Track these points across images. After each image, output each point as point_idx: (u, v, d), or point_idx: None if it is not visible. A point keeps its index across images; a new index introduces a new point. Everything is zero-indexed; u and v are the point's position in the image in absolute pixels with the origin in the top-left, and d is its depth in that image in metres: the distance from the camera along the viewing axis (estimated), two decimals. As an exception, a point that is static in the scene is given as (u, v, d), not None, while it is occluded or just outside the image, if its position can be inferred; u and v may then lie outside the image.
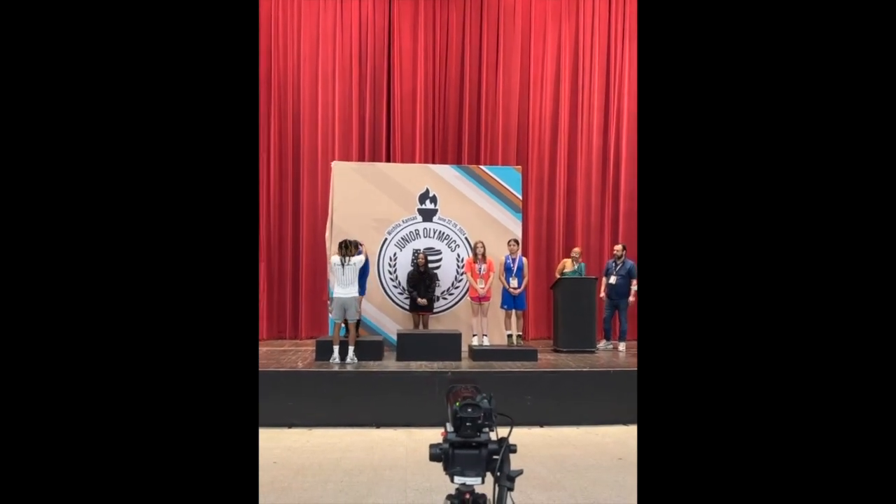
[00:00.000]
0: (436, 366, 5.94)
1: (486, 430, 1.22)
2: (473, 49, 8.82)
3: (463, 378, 1.31)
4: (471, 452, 1.20)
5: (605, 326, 7.57)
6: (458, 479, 1.21)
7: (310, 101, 8.58)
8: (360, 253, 6.24)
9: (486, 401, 1.22)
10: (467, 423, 1.19)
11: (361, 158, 8.50)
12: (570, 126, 8.99)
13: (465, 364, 6.18)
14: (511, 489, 1.17)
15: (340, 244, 6.18)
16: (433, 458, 1.22)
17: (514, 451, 1.22)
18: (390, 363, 6.14)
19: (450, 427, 1.23)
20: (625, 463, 4.44)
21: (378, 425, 5.37)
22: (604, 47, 9.05)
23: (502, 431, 1.25)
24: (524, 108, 8.92)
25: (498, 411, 1.23)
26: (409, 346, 6.33)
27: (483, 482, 1.23)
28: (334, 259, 6.12)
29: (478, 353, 6.42)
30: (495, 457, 1.19)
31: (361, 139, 8.66)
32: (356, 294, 6.12)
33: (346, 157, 8.36)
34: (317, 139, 8.56)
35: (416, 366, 5.94)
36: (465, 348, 6.68)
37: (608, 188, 9.05)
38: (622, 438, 5.16)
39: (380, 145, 8.70)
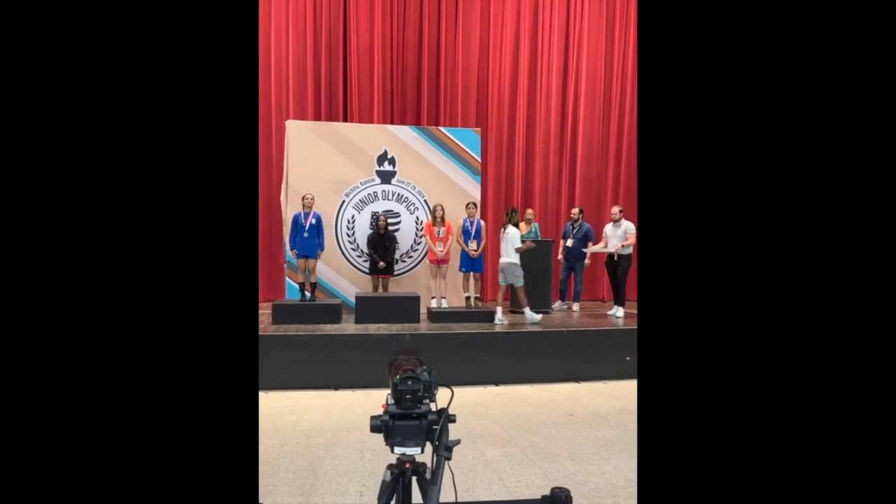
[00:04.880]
0: (394, 328, 5.99)
1: (427, 401, 1.24)
2: (432, 4, 8.58)
3: (407, 349, 1.33)
4: (411, 423, 1.22)
5: (561, 287, 7.76)
6: (399, 450, 1.23)
7: (262, 56, 8.22)
8: (514, 224, 6.51)
9: (426, 373, 1.24)
10: (407, 396, 1.21)
11: (317, 117, 8.26)
12: (530, 87, 8.94)
13: (424, 326, 6.25)
14: (449, 458, 1.20)
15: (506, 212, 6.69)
16: (374, 429, 1.24)
17: (454, 422, 1.25)
18: (349, 326, 6.16)
19: (391, 399, 1.25)
20: (576, 419, 4.63)
21: (336, 387, 5.42)
22: (563, 7, 8.94)
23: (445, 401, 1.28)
24: (483, 68, 8.80)
25: (440, 382, 1.25)
26: (367, 308, 6.35)
27: (423, 452, 1.26)
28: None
29: (436, 316, 6.50)
30: (435, 427, 1.22)
31: (317, 97, 8.40)
32: (511, 260, 6.37)
33: (301, 116, 8.11)
34: (270, 96, 8.25)
35: (374, 328, 5.98)
36: (423, 311, 6.75)
37: (566, 151, 9.11)
38: (574, 395, 5.37)
39: (336, 104, 8.46)
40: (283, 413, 4.71)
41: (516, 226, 6.49)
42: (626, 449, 3.94)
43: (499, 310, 6.42)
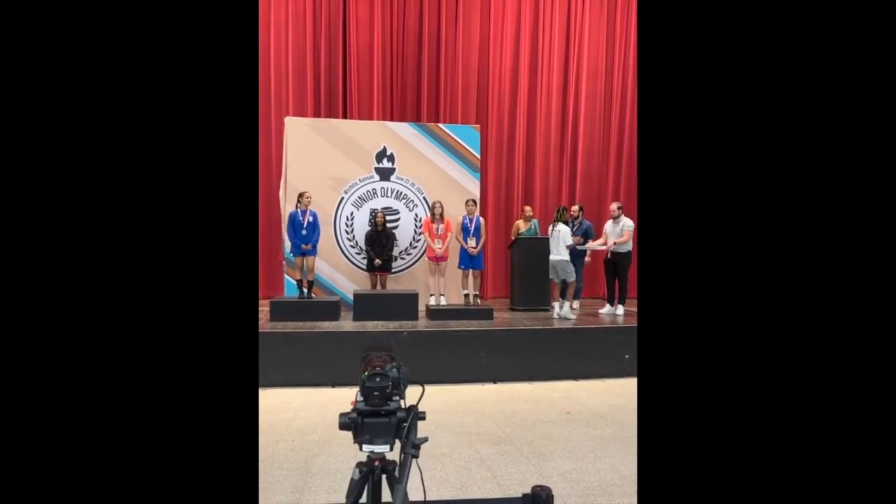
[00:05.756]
0: (392, 326, 5.97)
1: (396, 398, 1.22)
2: (432, 1, 8.55)
3: (379, 345, 1.31)
4: (380, 421, 1.20)
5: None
6: (367, 448, 1.22)
7: (262, 52, 8.21)
8: (566, 222, 6.67)
9: (395, 370, 1.22)
10: (375, 393, 1.19)
11: (317, 114, 8.25)
12: (530, 85, 8.90)
13: (422, 323, 6.23)
14: (416, 456, 1.18)
15: (556, 211, 6.84)
16: (342, 427, 1.23)
17: (423, 419, 1.23)
18: (347, 323, 6.15)
19: (360, 396, 1.23)
20: (572, 417, 4.60)
21: (334, 384, 5.41)
22: (564, 4, 8.90)
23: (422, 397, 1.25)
24: (484, 65, 8.77)
25: (412, 379, 1.23)
26: (365, 306, 6.33)
27: (392, 449, 1.24)
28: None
29: (435, 313, 6.48)
30: (404, 424, 1.20)
31: (317, 94, 8.39)
32: (564, 258, 6.50)
33: (300, 113, 8.10)
34: (269, 92, 8.25)
35: (372, 325, 5.96)
36: (422, 308, 6.73)
37: (566, 148, 9.06)
38: (572, 393, 5.34)
39: (336, 101, 8.45)
40: (279, 410, 4.71)
41: (566, 224, 6.62)
42: (623, 447, 3.91)
43: (565, 304, 6.51)
